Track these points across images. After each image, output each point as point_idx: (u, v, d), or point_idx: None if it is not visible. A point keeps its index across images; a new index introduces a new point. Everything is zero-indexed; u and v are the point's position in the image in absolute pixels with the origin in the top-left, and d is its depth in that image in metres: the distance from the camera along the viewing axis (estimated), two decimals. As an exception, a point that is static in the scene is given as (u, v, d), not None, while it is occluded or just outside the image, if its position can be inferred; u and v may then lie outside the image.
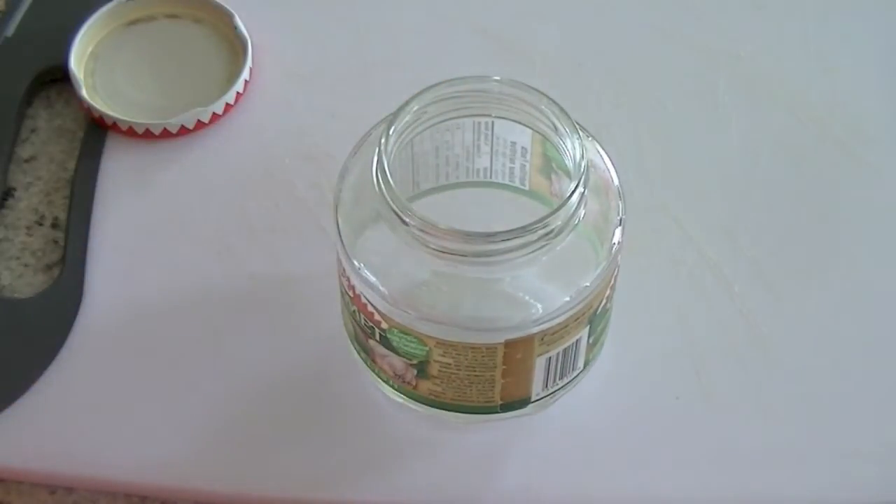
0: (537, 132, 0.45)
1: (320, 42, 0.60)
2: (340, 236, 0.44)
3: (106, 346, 0.50)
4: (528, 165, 0.46)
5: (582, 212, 0.42)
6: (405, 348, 0.44)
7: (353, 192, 0.45)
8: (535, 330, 0.43)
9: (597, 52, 0.59)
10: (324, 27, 0.61)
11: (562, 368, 0.46)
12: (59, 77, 0.58)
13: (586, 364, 0.47)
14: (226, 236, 0.53)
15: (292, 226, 0.54)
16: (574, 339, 0.45)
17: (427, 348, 0.44)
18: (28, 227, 0.54)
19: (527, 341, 0.43)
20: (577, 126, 0.43)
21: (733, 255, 0.53)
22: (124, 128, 0.56)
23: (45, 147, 0.57)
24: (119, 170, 0.55)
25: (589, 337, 0.46)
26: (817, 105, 0.58)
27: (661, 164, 0.56)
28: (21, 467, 0.48)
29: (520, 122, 0.45)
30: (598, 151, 0.45)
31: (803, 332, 0.51)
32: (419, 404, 0.47)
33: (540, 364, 0.45)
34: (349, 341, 0.49)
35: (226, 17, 0.59)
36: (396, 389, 0.47)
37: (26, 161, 0.57)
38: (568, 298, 0.43)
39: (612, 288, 0.46)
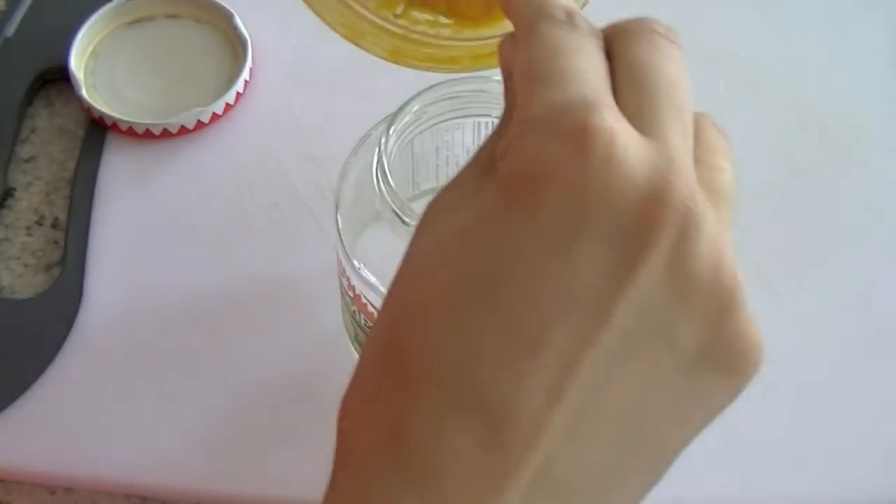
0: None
1: (320, 42, 0.60)
2: (340, 236, 0.44)
3: (106, 346, 0.50)
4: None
5: (582, 212, 0.42)
6: (405, 348, 0.44)
7: (353, 192, 0.45)
8: (536, 330, 0.43)
9: (597, 52, 0.59)
10: (324, 27, 0.61)
11: (562, 368, 0.46)
12: (59, 77, 0.58)
13: (586, 364, 0.47)
14: (226, 236, 0.53)
15: (292, 226, 0.54)
16: (574, 339, 0.45)
17: (427, 348, 0.44)
18: (28, 227, 0.54)
19: (527, 341, 0.43)
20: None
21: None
22: (124, 128, 0.56)
23: (45, 147, 0.57)
24: (119, 170, 0.56)
25: (589, 337, 0.46)
26: (817, 105, 0.58)
27: (661, 164, 0.55)
28: (21, 467, 0.48)
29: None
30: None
31: (803, 332, 0.51)
32: (419, 404, 0.47)
33: (540, 364, 0.45)
34: (349, 341, 0.49)
35: (226, 17, 0.59)
36: (396, 389, 0.47)
37: (26, 161, 0.57)
38: (568, 298, 0.43)
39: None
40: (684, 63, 0.31)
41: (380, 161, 0.42)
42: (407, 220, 0.41)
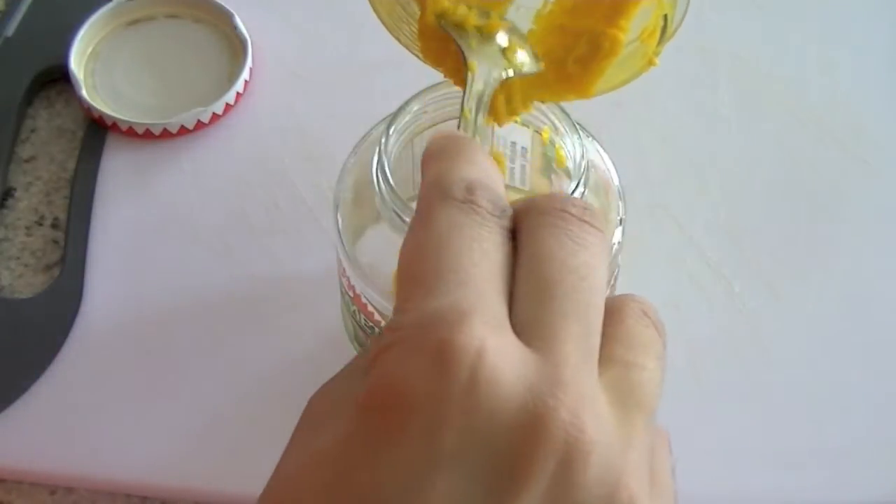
0: (537, 132, 0.44)
1: (320, 42, 0.60)
2: (340, 236, 0.44)
3: (106, 346, 0.50)
4: (528, 166, 0.46)
5: (582, 212, 0.42)
6: (405, 348, 0.44)
7: (353, 192, 0.45)
8: (536, 330, 0.43)
9: (597, 52, 0.59)
10: (324, 27, 0.61)
11: (562, 368, 0.46)
12: (59, 77, 0.58)
13: (586, 364, 0.47)
14: (226, 236, 0.53)
15: (292, 226, 0.54)
16: (574, 339, 0.45)
17: (427, 348, 0.43)
18: (28, 227, 0.54)
19: (527, 341, 0.43)
20: (577, 126, 0.43)
21: (733, 255, 0.53)
22: (124, 128, 0.56)
23: (45, 147, 0.57)
24: (119, 170, 0.56)
25: (589, 337, 0.45)
26: (817, 105, 0.58)
27: (661, 164, 0.56)
28: (21, 467, 0.48)
29: (520, 123, 0.45)
30: (598, 151, 0.45)
31: (803, 332, 0.51)
32: (419, 404, 0.47)
33: (540, 364, 0.45)
34: (349, 341, 0.49)
35: (226, 17, 0.59)
36: (396, 389, 0.47)
37: (26, 161, 0.57)
38: (568, 298, 0.43)
39: (613, 288, 0.46)
40: (604, 250, 0.28)
41: (380, 161, 0.41)
42: (407, 220, 0.41)
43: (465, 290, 0.25)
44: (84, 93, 0.56)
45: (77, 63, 0.58)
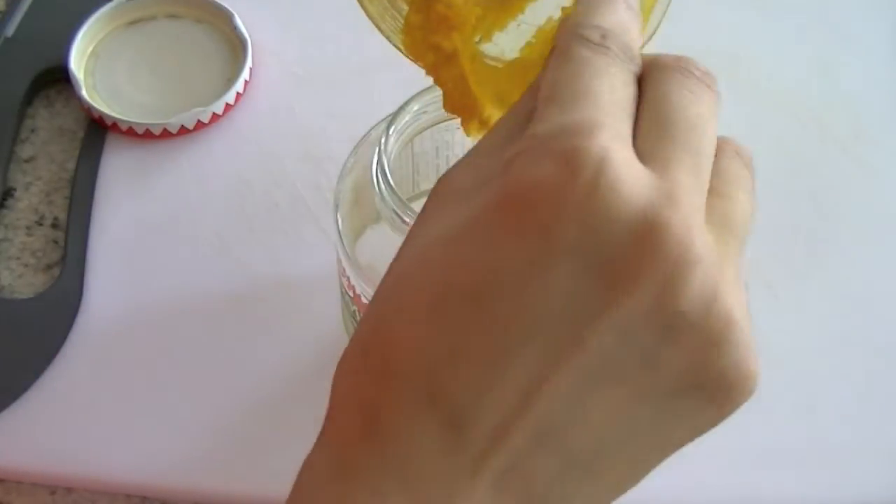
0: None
1: (320, 42, 0.60)
2: (340, 236, 0.44)
3: (106, 346, 0.50)
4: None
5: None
6: (405, 348, 0.44)
7: (353, 192, 0.45)
8: (536, 330, 0.43)
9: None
10: (324, 27, 0.61)
11: (562, 368, 0.46)
12: (59, 77, 0.58)
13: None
14: (226, 236, 0.53)
15: (292, 226, 0.54)
16: (574, 339, 0.45)
17: (427, 348, 0.43)
18: (28, 227, 0.54)
19: (527, 341, 0.43)
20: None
21: (733, 255, 0.53)
22: (124, 128, 0.56)
23: (45, 147, 0.57)
24: (119, 170, 0.56)
25: (589, 337, 0.45)
26: (817, 105, 0.58)
27: (661, 164, 0.55)
28: (21, 467, 0.48)
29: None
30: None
31: (803, 332, 0.51)
32: (419, 404, 0.47)
33: (540, 364, 0.45)
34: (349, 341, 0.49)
35: (226, 17, 0.59)
36: (396, 389, 0.47)
37: (26, 161, 0.57)
38: (568, 298, 0.43)
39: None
40: (716, 108, 0.31)
41: (380, 161, 0.42)
42: (407, 220, 0.41)
43: (597, 111, 0.28)
44: (84, 93, 0.56)
45: (77, 63, 0.58)
